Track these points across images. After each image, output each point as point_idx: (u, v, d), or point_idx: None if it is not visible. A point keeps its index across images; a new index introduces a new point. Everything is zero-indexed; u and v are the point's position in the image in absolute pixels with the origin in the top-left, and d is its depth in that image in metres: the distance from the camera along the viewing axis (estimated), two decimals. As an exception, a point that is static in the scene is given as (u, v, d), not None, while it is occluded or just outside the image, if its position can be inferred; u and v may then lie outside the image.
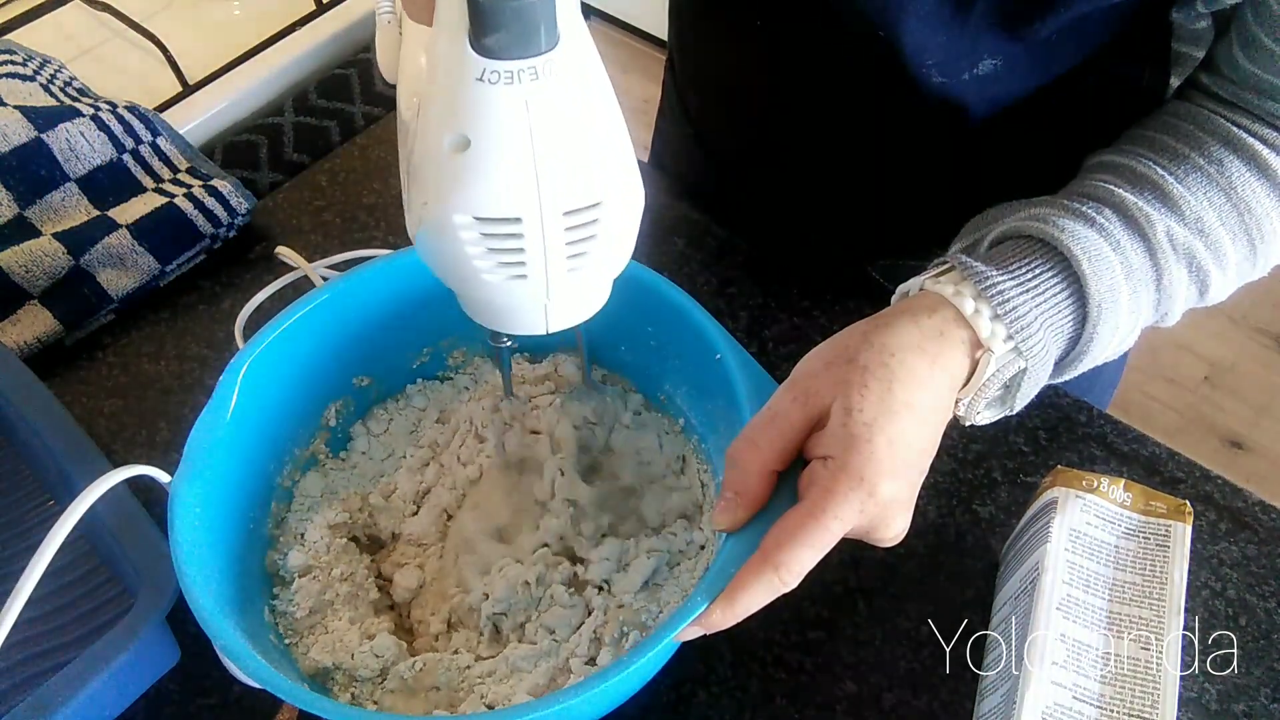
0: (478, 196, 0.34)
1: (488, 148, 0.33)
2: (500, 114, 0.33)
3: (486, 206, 0.34)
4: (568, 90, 0.33)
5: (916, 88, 0.53)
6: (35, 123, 0.67)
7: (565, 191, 0.35)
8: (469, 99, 0.33)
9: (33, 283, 0.63)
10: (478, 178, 0.34)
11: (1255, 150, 0.48)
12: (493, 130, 0.33)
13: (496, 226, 0.35)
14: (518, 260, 0.36)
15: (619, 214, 0.37)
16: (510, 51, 0.32)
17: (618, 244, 0.39)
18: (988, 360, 0.43)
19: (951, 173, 0.60)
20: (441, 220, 0.35)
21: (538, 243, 0.35)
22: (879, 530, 0.42)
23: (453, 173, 0.34)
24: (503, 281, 0.37)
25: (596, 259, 0.38)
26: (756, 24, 0.58)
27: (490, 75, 0.32)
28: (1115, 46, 0.53)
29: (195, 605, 0.41)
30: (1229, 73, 0.49)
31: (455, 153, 0.34)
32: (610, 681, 0.39)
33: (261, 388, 0.49)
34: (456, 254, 0.36)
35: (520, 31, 0.32)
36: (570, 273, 0.37)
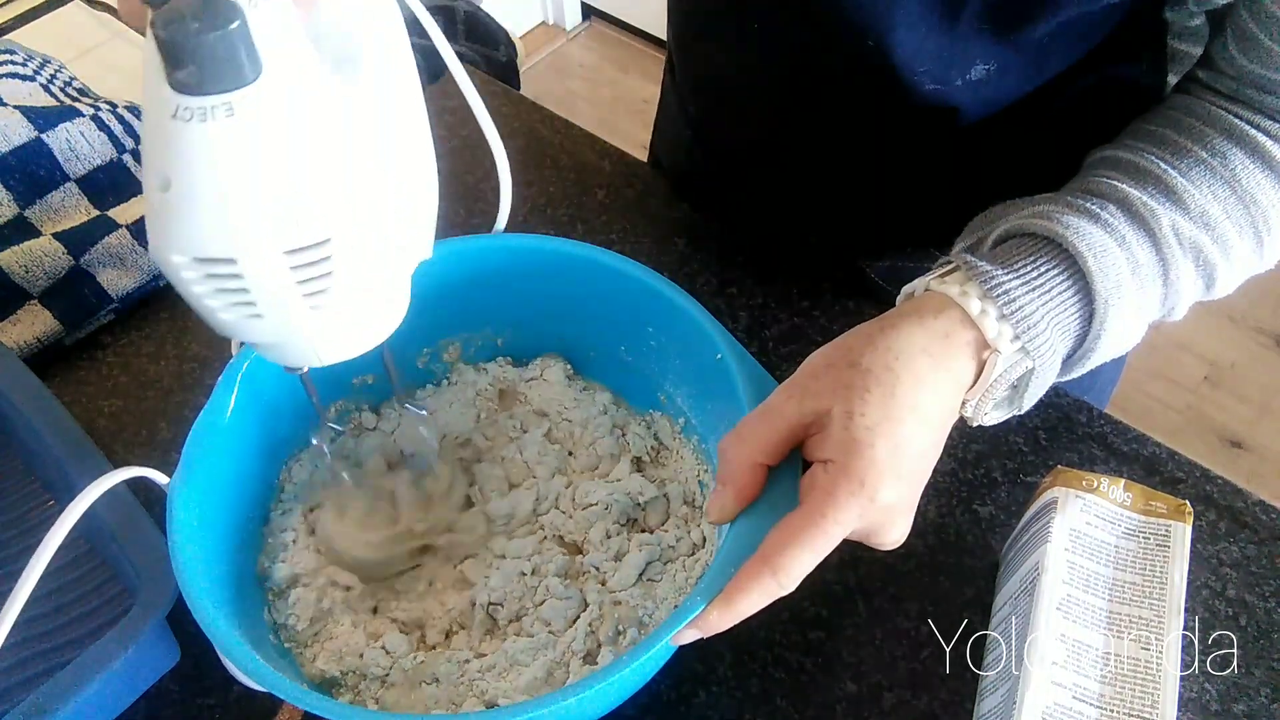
0: (186, 237, 0.32)
1: (188, 188, 0.32)
2: (195, 153, 0.31)
3: (197, 247, 0.32)
4: (274, 124, 0.31)
5: (910, 94, 0.53)
6: (35, 123, 0.67)
7: (281, 231, 0.32)
8: (165, 137, 0.31)
9: (33, 283, 0.63)
10: (184, 218, 0.32)
11: (1258, 142, 0.48)
12: (190, 170, 0.31)
13: (214, 267, 0.33)
14: (246, 300, 0.34)
15: (358, 248, 0.35)
16: (201, 87, 0.30)
17: (367, 278, 0.36)
18: (995, 361, 0.43)
19: (949, 173, 0.60)
20: (160, 258, 0.33)
21: (261, 284, 0.33)
22: (879, 535, 0.42)
23: (162, 211, 0.32)
24: (238, 320, 0.35)
25: (339, 295, 0.35)
26: (754, 27, 0.58)
27: (183, 113, 0.30)
28: (1110, 46, 0.53)
29: (195, 605, 0.41)
30: (1226, 69, 0.49)
31: (161, 191, 0.32)
32: (607, 682, 0.39)
33: (261, 388, 0.49)
34: (186, 293, 0.34)
35: (210, 65, 0.30)
36: (313, 310, 0.35)
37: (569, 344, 0.58)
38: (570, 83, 2.30)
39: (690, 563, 0.51)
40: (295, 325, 0.36)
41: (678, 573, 0.50)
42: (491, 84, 0.82)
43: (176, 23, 0.29)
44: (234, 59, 0.30)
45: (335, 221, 0.33)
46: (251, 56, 0.30)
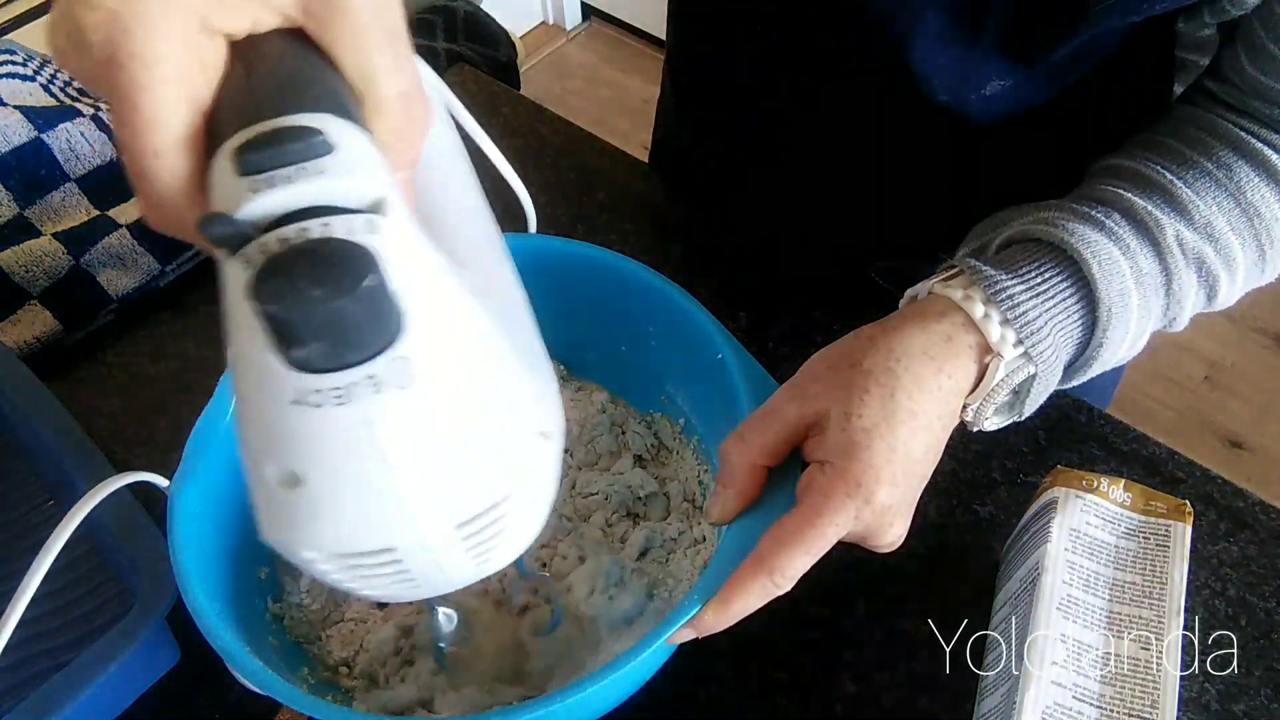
0: (328, 535, 0.26)
1: (330, 484, 0.25)
2: (336, 444, 0.24)
3: (343, 544, 0.26)
4: (429, 387, 0.24)
5: (922, 105, 0.53)
6: (35, 123, 0.67)
7: (453, 505, 0.26)
8: (288, 428, 0.24)
9: (33, 283, 0.63)
10: (325, 516, 0.25)
11: (1264, 155, 0.48)
12: (330, 465, 0.24)
13: (364, 559, 0.27)
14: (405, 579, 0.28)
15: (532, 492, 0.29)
16: (332, 362, 0.23)
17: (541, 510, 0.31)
18: (997, 365, 0.43)
19: (953, 177, 0.60)
20: (288, 554, 0.27)
21: (423, 562, 0.27)
22: (875, 537, 0.42)
23: (289, 510, 0.26)
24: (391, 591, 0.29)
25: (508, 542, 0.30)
26: (757, 29, 0.57)
27: (312, 397, 0.23)
28: (1120, 58, 0.53)
29: (195, 606, 0.41)
30: (1235, 80, 0.49)
31: (286, 489, 0.25)
32: (605, 682, 0.39)
33: (262, 388, 0.49)
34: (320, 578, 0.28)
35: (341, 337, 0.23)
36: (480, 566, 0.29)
37: (570, 343, 0.58)
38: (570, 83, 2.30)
39: (693, 553, 0.51)
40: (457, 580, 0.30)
41: (681, 559, 0.50)
42: (491, 84, 0.82)
43: (290, 295, 0.22)
44: (372, 318, 0.23)
45: (513, 473, 0.28)
46: (391, 307, 0.23)
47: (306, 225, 0.23)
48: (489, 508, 0.27)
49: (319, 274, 0.22)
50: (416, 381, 0.24)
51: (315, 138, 0.23)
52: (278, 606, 0.50)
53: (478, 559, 0.29)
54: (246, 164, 0.23)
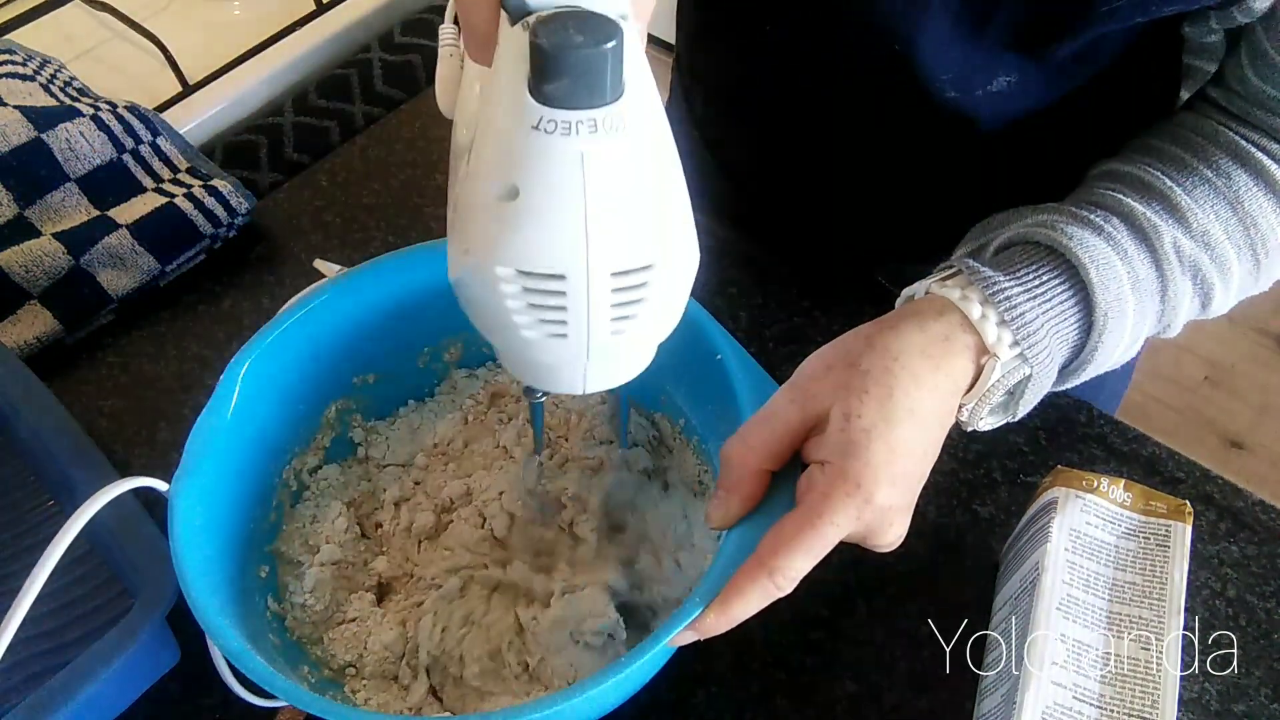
0: (523, 249, 0.32)
1: (537, 199, 0.31)
2: (554, 165, 0.31)
3: (531, 260, 0.32)
4: (627, 145, 0.31)
5: (928, 101, 0.53)
6: (35, 123, 0.67)
7: (616, 251, 0.33)
8: (522, 147, 0.31)
9: (33, 283, 0.63)
10: (524, 230, 0.32)
11: (1262, 164, 0.48)
12: (544, 181, 0.31)
13: (539, 282, 0.33)
14: (559, 319, 0.34)
15: (671, 277, 0.35)
16: (570, 101, 0.30)
17: (666, 308, 0.36)
18: (993, 366, 0.43)
19: (959, 180, 0.60)
20: (483, 270, 0.33)
21: (581, 302, 0.33)
22: (876, 537, 0.42)
23: (499, 222, 0.32)
24: (541, 339, 0.35)
25: (642, 322, 0.35)
26: (765, 29, 0.57)
27: (547, 124, 0.30)
28: (1127, 61, 0.53)
29: (195, 606, 0.41)
30: (1238, 88, 0.49)
31: (503, 201, 0.32)
32: (604, 685, 0.39)
33: (262, 386, 0.49)
34: (495, 306, 0.34)
35: (583, 80, 0.30)
36: (614, 335, 0.35)
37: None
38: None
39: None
40: (594, 347, 0.35)
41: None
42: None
43: (560, 34, 0.29)
44: (607, 77, 0.30)
45: (661, 247, 0.34)
46: (618, 76, 0.30)
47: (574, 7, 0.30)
48: (640, 267, 0.33)
49: (584, 28, 0.29)
50: (625, 136, 0.31)
51: None
52: (279, 606, 0.50)
53: (618, 322, 0.35)
54: None
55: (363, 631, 0.50)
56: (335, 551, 0.52)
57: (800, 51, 0.57)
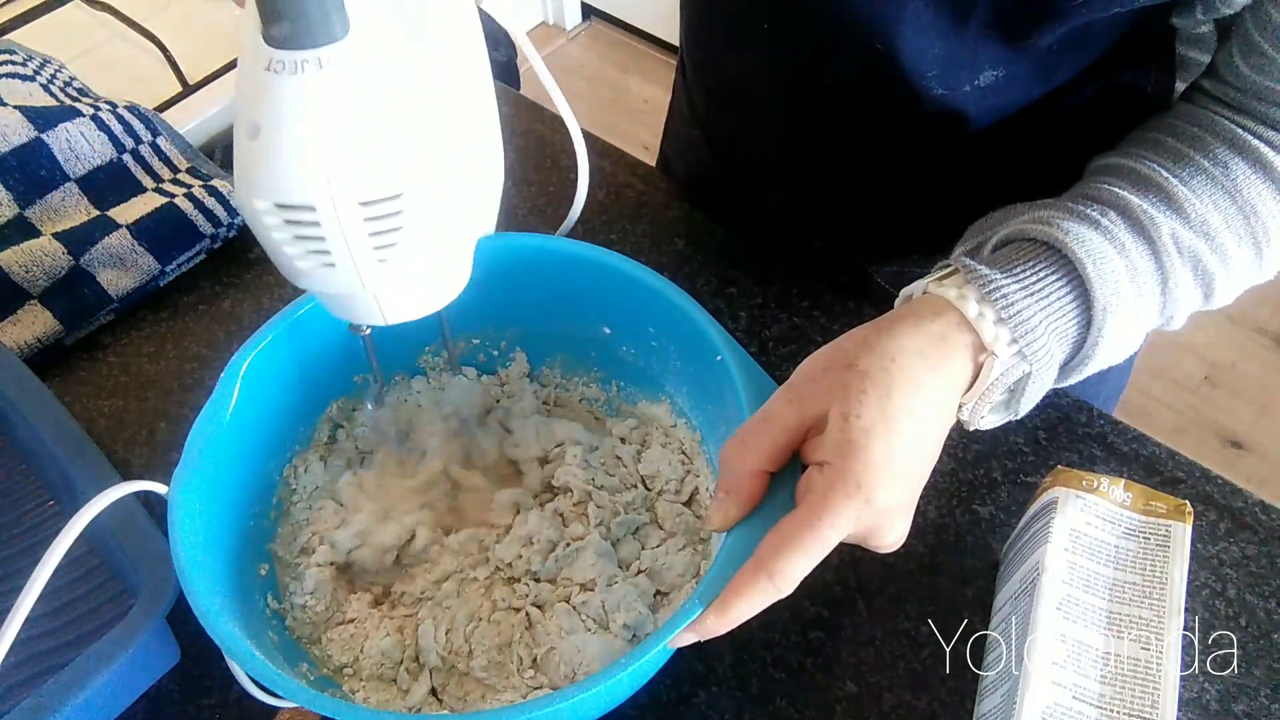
0: (270, 183, 0.34)
1: (276, 136, 0.34)
2: (284, 104, 0.33)
3: (278, 193, 0.35)
4: (359, 80, 0.33)
5: (918, 98, 0.53)
6: (35, 123, 0.67)
7: (358, 182, 0.34)
8: (258, 87, 0.33)
9: (33, 283, 0.63)
10: (269, 164, 0.34)
11: (1260, 152, 0.48)
12: (278, 119, 0.33)
13: (293, 214, 0.35)
14: (322, 249, 0.36)
15: (428, 206, 0.37)
16: (294, 41, 0.32)
17: (435, 237, 0.38)
18: (991, 364, 0.43)
19: (955, 177, 0.60)
20: (244, 204, 0.36)
21: (336, 231, 0.35)
22: (876, 537, 0.42)
23: (250, 158, 0.35)
24: (313, 269, 0.37)
25: (406, 250, 0.37)
26: (763, 28, 0.58)
27: (276, 65, 0.33)
28: (1118, 53, 0.53)
29: (195, 605, 0.41)
30: (1231, 79, 0.49)
31: (250, 139, 0.34)
32: (604, 685, 0.39)
33: (262, 386, 0.49)
34: (266, 239, 0.37)
35: (303, 21, 0.32)
36: (380, 264, 0.37)
37: (571, 343, 0.58)
38: (570, 83, 2.30)
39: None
40: (365, 277, 0.37)
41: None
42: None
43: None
44: (326, 17, 0.32)
45: (408, 178, 0.35)
46: (341, 16, 0.32)
47: None
48: (386, 197, 0.35)
49: None
50: (349, 73, 0.33)
51: None
52: (279, 605, 0.50)
53: (380, 251, 0.36)
54: None
55: (360, 634, 0.50)
56: (333, 552, 0.52)
57: (791, 51, 0.57)
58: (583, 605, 0.50)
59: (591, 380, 0.59)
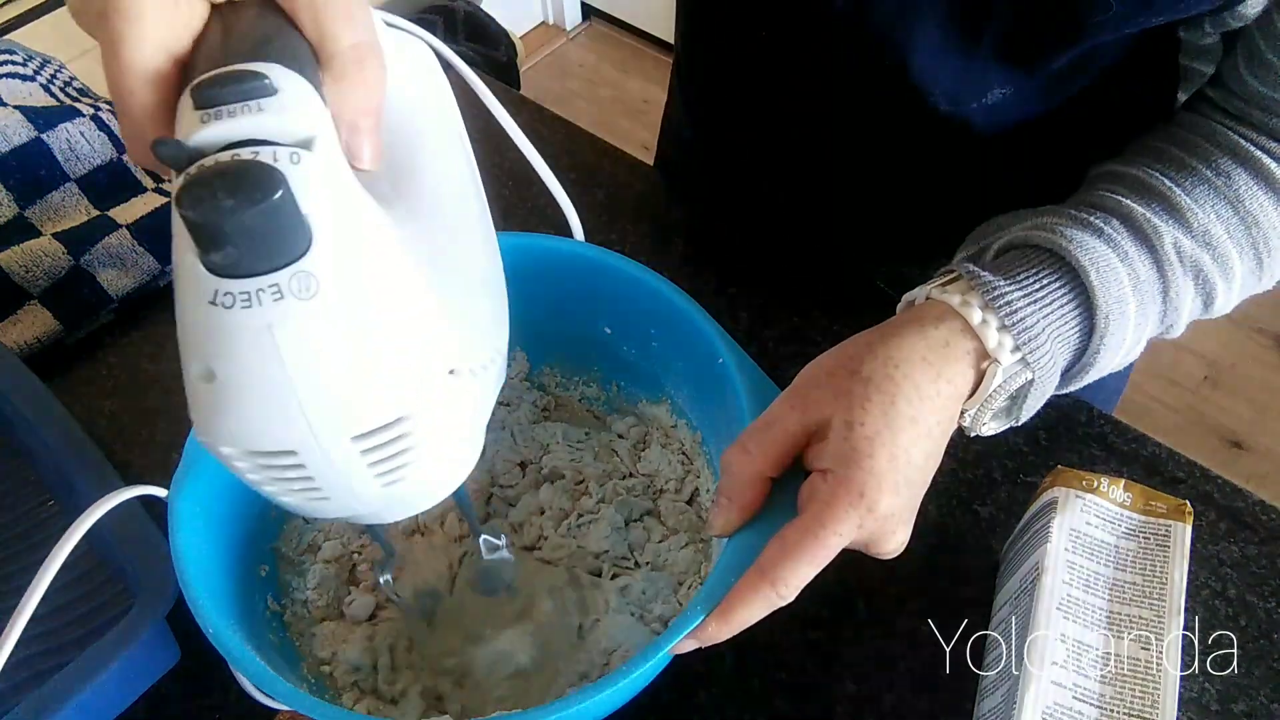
0: (238, 431, 0.28)
1: (235, 381, 0.27)
2: (241, 344, 0.27)
3: (251, 441, 0.28)
4: (328, 302, 0.27)
5: (924, 113, 0.53)
6: (35, 123, 0.67)
7: (348, 417, 0.29)
8: (204, 325, 0.27)
9: (33, 283, 0.63)
10: (233, 412, 0.28)
11: (1262, 164, 0.48)
12: (236, 362, 0.27)
13: (272, 459, 0.29)
14: (312, 488, 0.30)
15: (439, 417, 0.31)
16: (242, 268, 0.26)
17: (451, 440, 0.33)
18: (994, 371, 0.43)
19: (957, 186, 0.60)
20: (209, 448, 0.30)
21: (327, 471, 0.29)
22: (878, 545, 0.41)
23: (207, 405, 0.28)
24: (305, 504, 0.31)
25: (421, 468, 0.31)
26: (763, 34, 0.57)
27: (224, 298, 0.26)
28: (1123, 66, 0.53)
29: (195, 606, 0.41)
30: (1236, 89, 0.49)
31: (203, 383, 0.28)
32: (605, 693, 0.39)
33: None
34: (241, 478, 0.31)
35: (249, 246, 0.26)
36: (388, 488, 0.31)
37: (571, 343, 0.58)
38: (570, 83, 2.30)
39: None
40: (367, 502, 0.32)
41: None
42: (491, 84, 0.82)
43: (207, 201, 0.25)
44: (279, 233, 0.26)
45: (410, 397, 0.30)
46: (298, 226, 0.26)
47: (239, 152, 0.26)
48: (384, 425, 0.29)
49: (233, 188, 0.25)
50: (317, 295, 0.27)
51: (261, 80, 0.27)
52: (278, 605, 0.50)
53: (384, 480, 0.31)
54: (201, 99, 0.27)
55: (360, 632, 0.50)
56: (337, 548, 0.53)
57: (794, 60, 0.57)
58: (624, 590, 0.50)
59: (591, 380, 0.59)
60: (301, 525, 0.54)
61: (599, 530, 0.53)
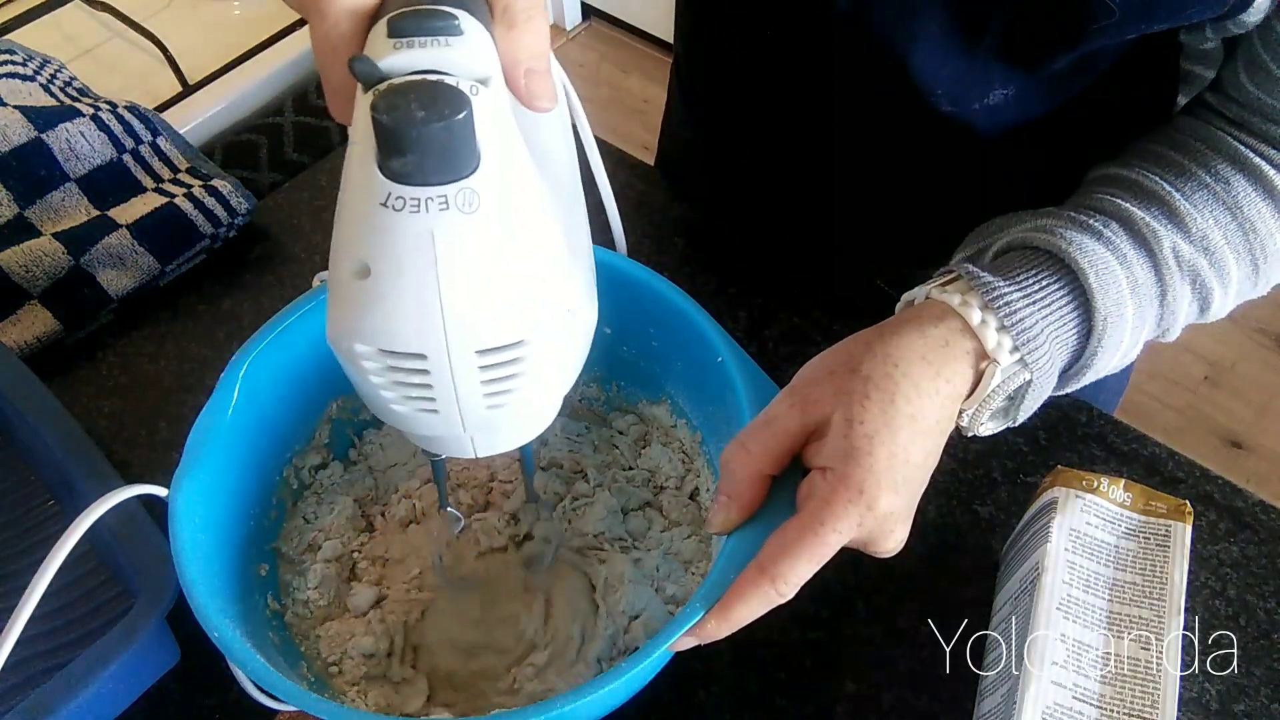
0: (379, 329, 0.31)
1: (389, 279, 0.30)
2: (403, 244, 0.30)
3: (388, 340, 0.31)
4: (485, 220, 0.30)
5: (925, 114, 0.53)
6: (35, 123, 0.67)
7: (478, 330, 0.31)
8: (371, 224, 0.30)
9: (33, 283, 0.63)
10: (378, 310, 0.31)
11: (1261, 170, 0.48)
12: (394, 261, 0.30)
13: (400, 360, 0.32)
14: (427, 396, 0.33)
15: (550, 351, 0.34)
16: (417, 177, 0.29)
17: (551, 378, 0.35)
18: (993, 371, 0.43)
19: (958, 187, 0.60)
20: (343, 347, 0.33)
21: (446, 381, 0.32)
22: (876, 543, 0.42)
23: (354, 299, 0.31)
24: (412, 413, 0.34)
25: (522, 395, 0.34)
26: (766, 34, 0.57)
27: (395, 201, 0.29)
28: (1124, 69, 0.53)
29: (195, 605, 0.41)
30: (1236, 95, 0.49)
31: (356, 279, 0.31)
32: (603, 690, 0.39)
33: (262, 386, 0.49)
34: (360, 381, 0.34)
35: (429, 156, 0.28)
36: (491, 410, 0.34)
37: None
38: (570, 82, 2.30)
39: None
40: (470, 422, 0.34)
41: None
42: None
43: (401, 110, 0.28)
44: (456, 151, 0.29)
45: (532, 322, 0.32)
46: (471, 148, 0.29)
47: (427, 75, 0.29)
48: (507, 344, 0.32)
49: (426, 102, 0.28)
50: (478, 212, 0.30)
51: (451, 20, 0.30)
52: (278, 604, 0.50)
53: (491, 400, 0.33)
54: (394, 29, 0.30)
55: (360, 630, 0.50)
56: (338, 547, 0.53)
57: (795, 60, 0.57)
58: (638, 563, 0.51)
59: (591, 380, 0.59)
60: (301, 525, 0.54)
61: (594, 513, 0.53)
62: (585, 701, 0.38)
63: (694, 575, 0.51)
